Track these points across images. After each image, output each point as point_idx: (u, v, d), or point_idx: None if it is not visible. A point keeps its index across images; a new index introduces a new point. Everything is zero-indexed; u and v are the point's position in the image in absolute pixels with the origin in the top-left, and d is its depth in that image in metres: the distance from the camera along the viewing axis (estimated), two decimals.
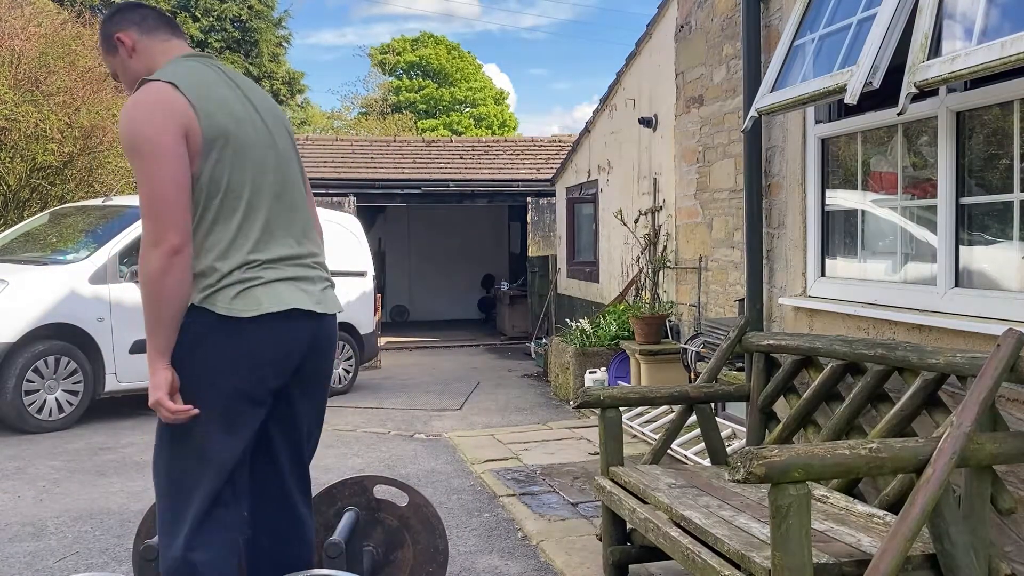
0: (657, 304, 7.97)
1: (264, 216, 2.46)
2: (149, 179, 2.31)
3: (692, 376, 6.25)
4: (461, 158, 15.95)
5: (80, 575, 3.18)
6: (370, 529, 2.95)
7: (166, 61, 2.53)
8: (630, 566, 3.82)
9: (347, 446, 6.69)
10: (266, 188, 2.48)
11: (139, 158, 2.33)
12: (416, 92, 35.95)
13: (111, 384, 7.67)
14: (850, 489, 3.41)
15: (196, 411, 2.35)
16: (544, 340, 10.97)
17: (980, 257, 3.89)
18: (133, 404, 7.86)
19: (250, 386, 2.43)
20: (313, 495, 2.76)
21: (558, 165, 13.08)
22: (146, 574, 2.64)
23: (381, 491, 3.02)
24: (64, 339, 7.44)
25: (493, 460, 6.09)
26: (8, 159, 11.04)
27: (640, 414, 6.89)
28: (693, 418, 4.21)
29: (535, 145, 17.06)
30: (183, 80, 2.39)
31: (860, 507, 3.12)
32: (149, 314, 2.34)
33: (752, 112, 4.89)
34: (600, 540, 3.90)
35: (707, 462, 4.53)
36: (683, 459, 5.57)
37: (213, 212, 2.39)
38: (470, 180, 14.88)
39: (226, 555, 2.42)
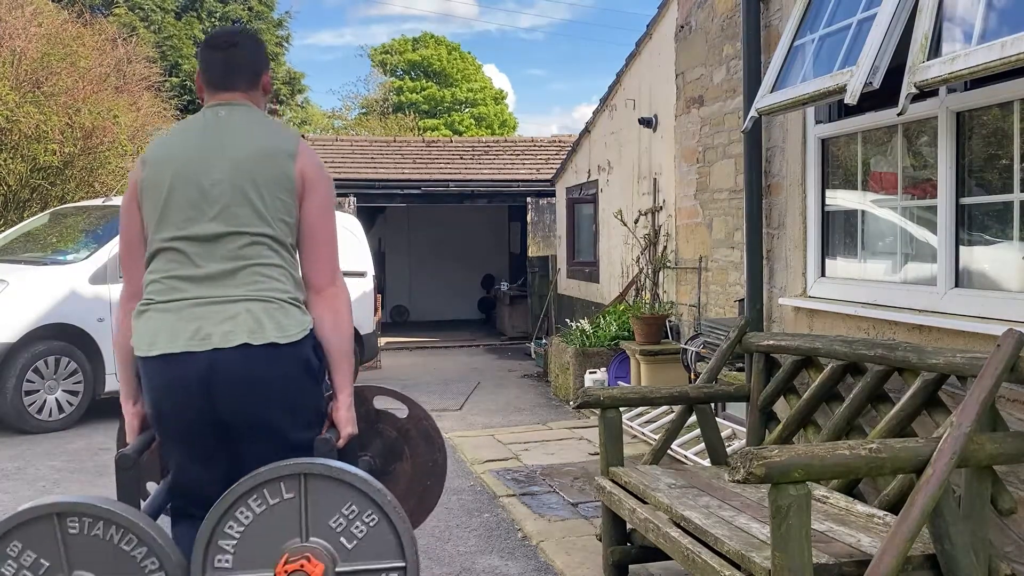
0: (657, 304, 7.97)
1: (171, 247, 2.47)
2: None
3: (692, 376, 6.26)
4: (461, 158, 15.95)
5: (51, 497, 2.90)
6: (368, 439, 2.86)
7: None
8: (630, 566, 3.82)
9: None
10: (181, 220, 2.47)
11: None
12: (419, 92, 35.98)
13: (111, 384, 7.66)
14: (850, 489, 3.41)
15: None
16: (544, 340, 10.96)
17: (980, 257, 3.89)
18: None
19: (159, 425, 2.52)
20: None
21: (558, 165, 13.08)
22: (122, 481, 2.63)
23: (381, 403, 2.95)
24: (64, 339, 7.44)
25: (493, 460, 6.09)
26: (8, 159, 11.03)
27: (640, 414, 6.89)
28: (693, 418, 4.21)
29: (535, 145, 17.05)
30: (160, 138, 2.65)
31: (860, 507, 3.12)
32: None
33: (752, 112, 4.89)
34: (600, 540, 3.90)
35: (707, 462, 4.53)
36: (683, 459, 5.57)
37: (146, 252, 2.54)
38: (470, 180, 14.87)
39: None
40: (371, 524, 2.37)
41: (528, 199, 14.80)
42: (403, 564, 2.36)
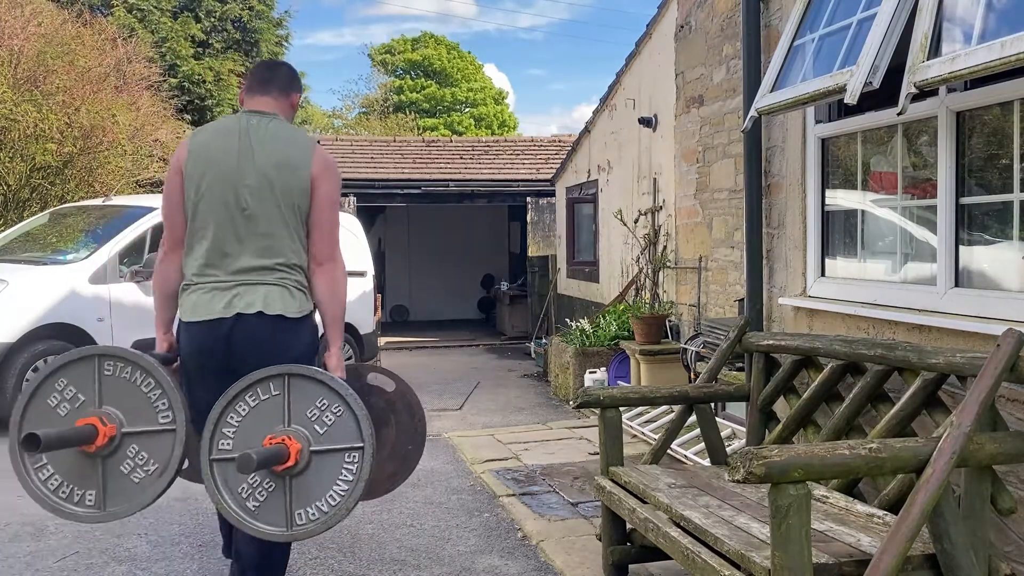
0: (657, 304, 7.97)
1: (209, 239, 3.21)
2: None
3: (692, 376, 6.26)
4: (461, 158, 15.94)
5: None
6: None
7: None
8: (630, 566, 3.82)
9: None
10: (219, 216, 3.19)
11: None
12: (419, 92, 35.99)
13: None
14: (850, 489, 3.41)
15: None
16: (544, 340, 10.97)
17: (980, 257, 3.90)
18: None
19: (190, 367, 3.30)
20: None
21: (558, 165, 13.08)
22: None
23: (372, 379, 3.60)
24: (64, 339, 7.42)
25: (493, 460, 6.09)
26: (8, 159, 11.03)
27: (640, 414, 6.89)
28: (693, 418, 4.21)
29: (535, 145, 17.05)
30: (202, 130, 3.39)
31: (860, 507, 3.12)
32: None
33: (752, 112, 4.89)
34: (600, 540, 3.90)
35: (707, 462, 4.53)
36: (683, 459, 5.57)
37: (189, 232, 3.27)
38: (470, 180, 14.87)
39: None
40: (337, 414, 3.03)
41: (528, 199, 14.80)
42: (361, 444, 3.00)
